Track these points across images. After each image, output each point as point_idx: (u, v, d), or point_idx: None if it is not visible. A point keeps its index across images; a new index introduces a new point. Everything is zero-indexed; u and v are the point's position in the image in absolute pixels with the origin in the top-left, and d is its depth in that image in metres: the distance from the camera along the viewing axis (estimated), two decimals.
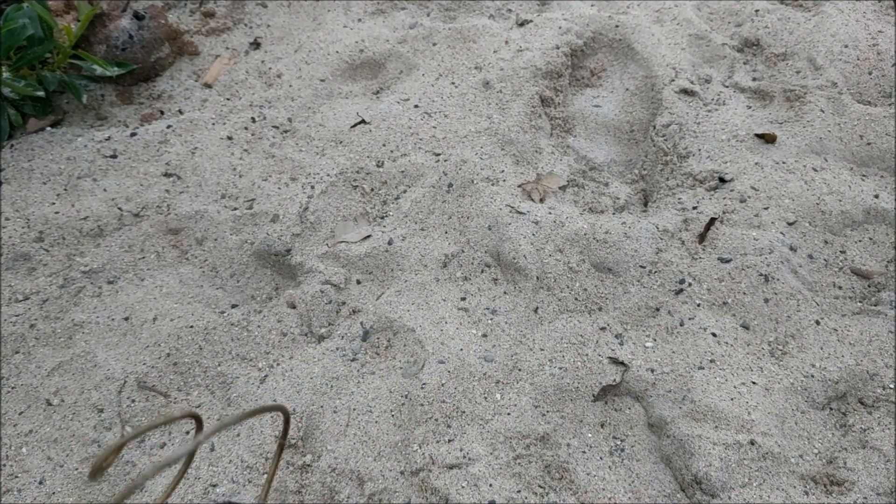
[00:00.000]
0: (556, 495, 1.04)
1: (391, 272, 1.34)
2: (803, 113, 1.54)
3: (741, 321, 1.22)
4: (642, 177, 1.54)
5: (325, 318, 1.28)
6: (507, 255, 1.31)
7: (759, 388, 1.13)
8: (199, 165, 1.55)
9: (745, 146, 1.50)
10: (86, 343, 1.26)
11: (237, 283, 1.38)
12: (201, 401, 1.19)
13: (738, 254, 1.29)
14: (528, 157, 1.53)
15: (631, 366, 1.16)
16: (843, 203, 1.37)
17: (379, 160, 1.54)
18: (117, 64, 1.70)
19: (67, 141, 1.60)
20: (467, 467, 1.06)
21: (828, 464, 1.07)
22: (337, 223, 1.43)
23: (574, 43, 1.75)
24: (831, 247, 1.34)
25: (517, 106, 1.60)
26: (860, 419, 1.12)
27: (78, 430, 1.15)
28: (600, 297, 1.27)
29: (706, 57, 1.73)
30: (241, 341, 1.26)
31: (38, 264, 1.38)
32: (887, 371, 1.15)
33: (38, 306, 1.31)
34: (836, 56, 1.66)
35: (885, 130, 1.48)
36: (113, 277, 1.36)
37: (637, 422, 1.13)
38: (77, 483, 1.09)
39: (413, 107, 1.65)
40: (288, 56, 1.84)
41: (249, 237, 1.41)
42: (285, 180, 1.52)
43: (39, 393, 1.20)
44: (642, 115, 1.65)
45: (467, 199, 1.42)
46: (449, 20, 1.93)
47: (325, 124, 1.64)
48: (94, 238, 1.42)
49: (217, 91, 1.77)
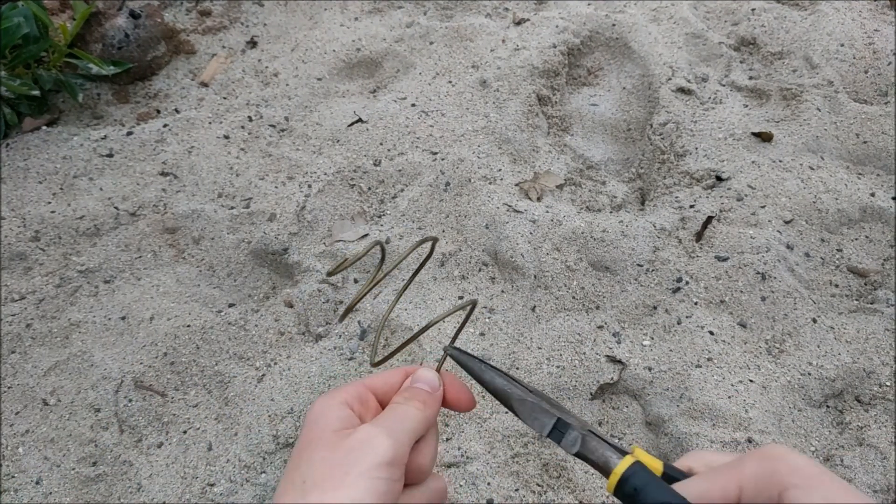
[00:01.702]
0: (553, 493, 1.04)
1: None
2: (800, 111, 1.55)
3: (738, 319, 1.22)
4: (639, 175, 1.54)
5: (323, 317, 1.28)
6: (504, 253, 1.31)
7: (756, 385, 1.13)
8: (195, 164, 1.54)
9: (742, 145, 1.50)
10: (82, 342, 1.25)
11: (234, 283, 1.37)
12: (198, 400, 1.19)
13: (735, 252, 1.29)
14: (526, 155, 1.53)
15: (628, 364, 1.16)
16: (840, 201, 1.37)
17: (376, 159, 1.54)
18: (113, 63, 1.70)
19: (63, 140, 1.60)
20: (465, 466, 1.06)
21: (825, 461, 1.07)
22: (334, 222, 1.43)
23: (571, 42, 1.75)
24: (828, 245, 1.34)
25: (514, 105, 1.60)
26: (857, 417, 1.12)
27: (75, 430, 1.14)
28: (598, 295, 1.27)
29: (703, 56, 1.73)
30: (238, 340, 1.26)
31: (34, 264, 1.37)
32: (884, 369, 1.15)
33: (34, 306, 1.30)
34: (832, 55, 1.66)
35: (882, 129, 1.49)
36: (109, 277, 1.36)
37: (635, 420, 1.14)
38: (74, 483, 1.09)
39: (410, 105, 1.65)
40: (284, 55, 1.83)
41: (246, 236, 1.41)
42: (282, 179, 1.51)
43: (36, 393, 1.19)
44: (639, 113, 1.66)
45: (465, 198, 1.42)
46: (446, 19, 1.93)
47: (322, 123, 1.64)
48: (90, 237, 1.42)
49: (213, 90, 1.77)
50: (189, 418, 1.17)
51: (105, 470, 1.10)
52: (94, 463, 1.11)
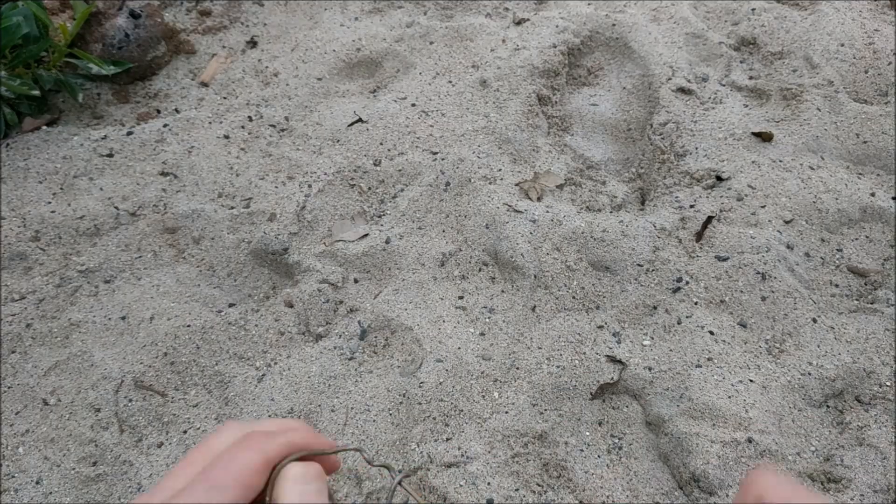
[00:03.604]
0: (553, 493, 1.04)
1: (389, 271, 1.34)
2: (800, 111, 1.54)
3: (738, 319, 1.22)
4: (639, 175, 1.54)
5: (323, 317, 1.28)
6: (504, 253, 1.31)
7: (756, 385, 1.13)
8: (195, 164, 1.54)
9: (742, 145, 1.50)
10: (82, 342, 1.25)
11: (234, 283, 1.37)
12: (198, 400, 1.19)
13: (736, 252, 1.29)
14: (526, 155, 1.53)
15: (628, 364, 1.16)
16: (840, 201, 1.37)
17: (376, 159, 1.54)
18: (113, 62, 1.69)
19: (63, 140, 1.60)
20: (465, 466, 1.06)
21: (825, 461, 1.07)
22: (334, 222, 1.43)
23: (571, 41, 1.75)
24: (828, 245, 1.34)
25: (514, 104, 1.60)
26: (857, 417, 1.12)
27: (75, 430, 1.14)
28: (598, 295, 1.27)
29: (703, 56, 1.73)
30: (238, 340, 1.26)
31: (34, 263, 1.37)
32: (884, 369, 1.15)
33: (34, 306, 1.30)
34: (832, 55, 1.66)
35: (882, 129, 1.49)
36: (109, 277, 1.36)
37: (635, 420, 1.14)
38: (74, 483, 1.09)
39: (410, 105, 1.65)
40: (285, 55, 1.83)
41: (246, 236, 1.41)
42: (282, 179, 1.51)
43: (36, 392, 1.19)
44: (639, 113, 1.66)
45: (465, 198, 1.42)
46: (446, 19, 1.93)
47: (322, 123, 1.64)
48: (90, 237, 1.42)
49: (214, 90, 1.76)
50: (189, 418, 1.17)
51: (105, 470, 1.10)
52: (95, 463, 1.11)
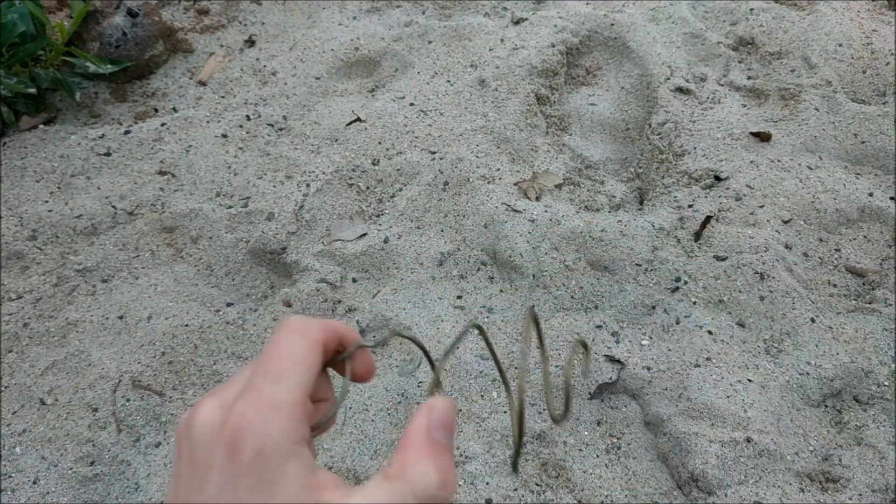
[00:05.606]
0: (552, 493, 1.04)
1: (387, 270, 1.34)
2: (798, 111, 1.55)
3: (737, 319, 1.22)
4: (638, 175, 1.54)
5: (321, 317, 1.28)
6: (503, 253, 1.31)
7: (754, 385, 1.13)
8: (193, 163, 1.54)
9: (741, 144, 1.50)
10: (80, 342, 1.25)
11: (232, 282, 1.37)
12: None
13: (734, 252, 1.29)
14: (524, 155, 1.53)
15: (627, 364, 1.16)
16: (838, 201, 1.38)
17: (374, 158, 1.54)
18: (111, 61, 1.69)
19: (61, 139, 1.59)
20: (464, 465, 1.05)
21: (823, 461, 1.07)
22: (332, 221, 1.43)
23: (569, 41, 1.75)
24: (826, 245, 1.34)
25: (513, 104, 1.60)
26: (855, 416, 1.12)
27: (72, 430, 1.14)
28: (596, 295, 1.27)
29: (701, 55, 1.73)
30: (236, 340, 1.25)
31: (31, 263, 1.37)
32: (882, 368, 1.15)
33: (31, 305, 1.30)
34: (830, 55, 1.66)
35: (880, 129, 1.49)
36: (107, 276, 1.36)
37: (633, 419, 1.14)
38: (72, 482, 1.08)
39: (408, 105, 1.65)
40: (283, 54, 1.83)
41: (245, 235, 1.40)
42: (280, 178, 1.51)
43: (33, 392, 1.19)
44: (638, 113, 1.66)
45: (463, 198, 1.42)
46: (444, 18, 1.92)
47: (321, 122, 1.64)
48: (87, 236, 1.41)
49: (212, 89, 1.76)
50: None
51: (102, 469, 1.10)
52: (92, 462, 1.11)
